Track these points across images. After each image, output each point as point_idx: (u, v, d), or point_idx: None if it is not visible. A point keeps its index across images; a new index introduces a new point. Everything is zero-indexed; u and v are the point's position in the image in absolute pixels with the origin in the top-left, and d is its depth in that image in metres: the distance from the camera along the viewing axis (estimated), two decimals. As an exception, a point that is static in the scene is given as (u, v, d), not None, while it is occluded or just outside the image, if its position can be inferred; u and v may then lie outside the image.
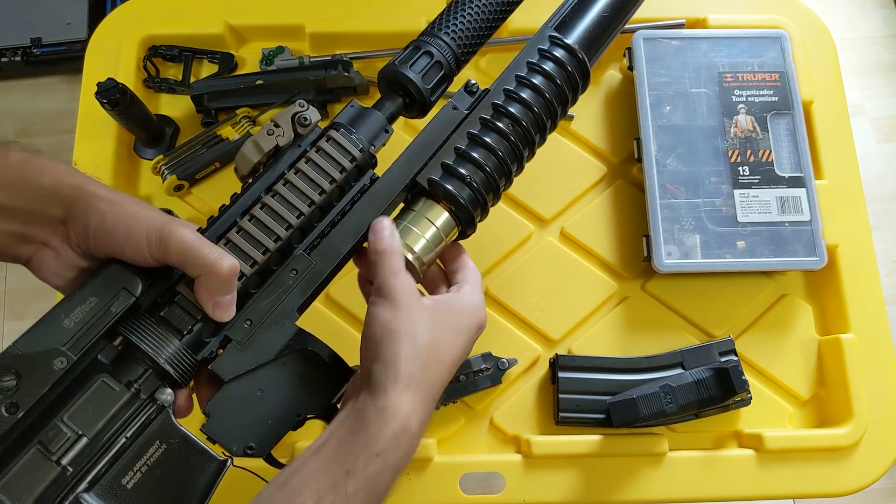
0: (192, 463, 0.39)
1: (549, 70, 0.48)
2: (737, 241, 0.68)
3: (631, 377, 0.65)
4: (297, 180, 0.44)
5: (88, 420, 0.37)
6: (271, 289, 0.43)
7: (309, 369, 0.43)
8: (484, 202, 0.47)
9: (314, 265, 0.43)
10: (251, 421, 0.41)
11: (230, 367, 0.41)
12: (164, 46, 0.78)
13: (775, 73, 0.74)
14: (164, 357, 0.39)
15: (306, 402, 0.43)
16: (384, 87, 0.49)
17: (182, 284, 0.40)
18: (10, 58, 1.48)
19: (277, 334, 0.42)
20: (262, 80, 0.75)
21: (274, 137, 0.44)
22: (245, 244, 0.42)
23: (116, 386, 0.38)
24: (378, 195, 0.46)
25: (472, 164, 0.46)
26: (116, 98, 0.67)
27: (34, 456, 0.36)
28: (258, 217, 0.42)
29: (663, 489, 0.64)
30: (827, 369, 0.69)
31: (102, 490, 0.37)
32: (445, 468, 0.64)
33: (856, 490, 0.65)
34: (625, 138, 0.76)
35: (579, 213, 0.73)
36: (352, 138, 0.45)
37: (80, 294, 0.38)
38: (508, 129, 0.47)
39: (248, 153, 0.44)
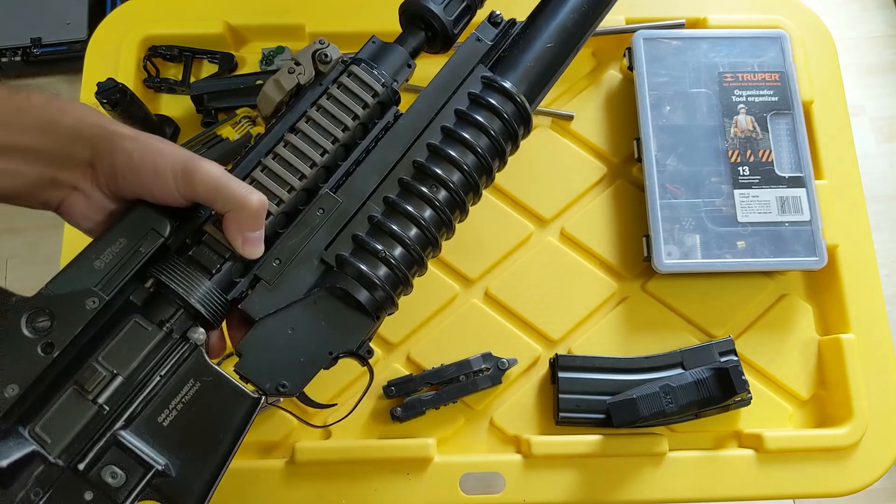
0: (226, 401, 0.39)
1: (482, 121, 0.45)
2: (737, 241, 0.68)
3: (631, 377, 0.65)
4: (320, 117, 0.43)
5: (123, 359, 0.38)
6: (298, 228, 0.43)
7: (339, 307, 0.43)
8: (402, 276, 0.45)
9: (340, 204, 0.43)
10: (283, 359, 0.42)
11: (260, 307, 0.42)
12: (164, 46, 0.78)
13: (775, 73, 0.74)
14: (196, 297, 0.40)
15: (338, 339, 0.43)
16: (405, 22, 0.47)
17: (209, 224, 0.41)
18: (10, 58, 1.48)
19: (306, 273, 0.42)
20: (261, 80, 0.75)
21: (295, 76, 0.44)
22: (270, 183, 0.42)
23: (149, 326, 0.39)
24: (402, 131, 0.45)
25: (388, 236, 0.44)
26: (116, 98, 0.67)
27: (71, 395, 0.37)
28: (282, 155, 0.42)
29: (663, 489, 0.64)
30: (827, 369, 0.69)
31: (139, 427, 0.38)
32: (445, 468, 0.64)
33: (856, 490, 0.65)
34: (625, 138, 0.76)
35: (579, 213, 0.73)
36: (374, 73, 0.45)
37: (110, 235, 0.39)
38: (433, 194, 0.44)
39: (269, 93, 0.44)
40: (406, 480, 0.63)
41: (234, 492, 0.62)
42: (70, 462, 0.36)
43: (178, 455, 0.38)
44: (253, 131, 0.73)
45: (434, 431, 0.66)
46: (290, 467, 0.63)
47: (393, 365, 0.68)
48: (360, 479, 0.63)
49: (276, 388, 0.41)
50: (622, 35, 0.77)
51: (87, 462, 0.37)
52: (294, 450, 0.63)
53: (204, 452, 0.39)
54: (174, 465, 0.38)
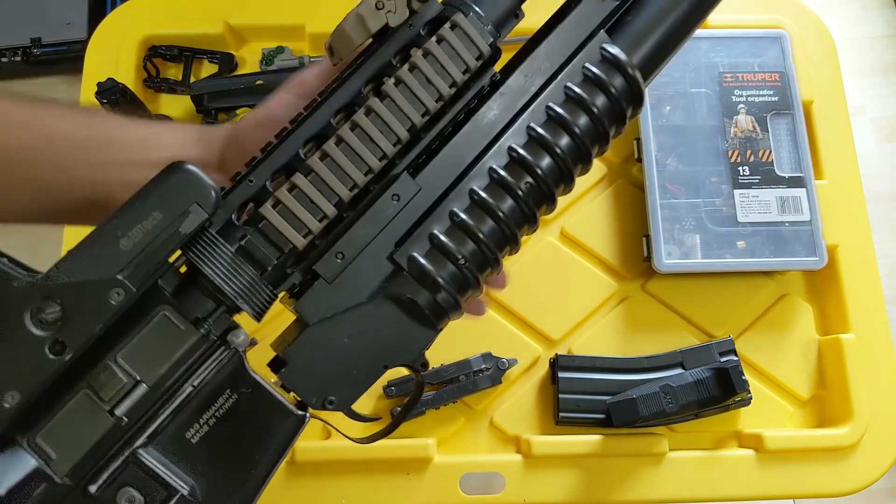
0: (267, 417, 0.33)
1: (596, 113, 0.37)
2: (737, 241, 0.68)
3: (631, 377, 0.65)
4: (413, 81, 0.34)
5: (148, 363, 0.31)
6: (368, 217, 0.35)
7: (403, 316, 0.36)
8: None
9: (419, 192, 0.35)
10: (334, 370, 0.35)
11: (316, 309, 0.35)
12: (164, 46, 0.78)
13: (775, 73, 0.74)
14: (243, 297, 0.33)
15: (397, 352, 0.37)
16: None
17: (267, 206, 0.33)
18: (10, 58, 1.48)
19: (372, 272, 0.35)
20: (262, 80, 0.75)
21: (383, 13, 0.34)
22: (346, 162, 0.34)
23: (182, 324, 0.32)
24: (502, 111, 0.36)
25: (470, 240, 0.36)
26: (116, 98, 0.67)
27: (83, 401, 0.30)
28: (363, 127, 0.34)
29: (663, 489, 0.64)
30: (827, 369, 0.69)
31: (163, 445, 0.32)
32: (445, 468, 0.64)
33: (856, 490, 0.65)
34: (625, 138, 0.76)
35: (579, 213, 0.73)
36: (480, 26, 0.35)
37: (142, 207, 0.30)
38: (525, 194, 0.37)
39: (350, 31, 0.35)
40: (406, 480, 0.63)
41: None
42: (79, 482, 0.30)
43: (207, 477, 0.32)
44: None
45: (434, 431, 0.66)
46: (290, 467, 0.63)
47: (393, 365, 0.68)
48: (360, 479, 0.63)
49: (323, 403, 0.35)
50: (622, 35, 0.77)
51: (100, 484, 0.31)
52: (294, 450, 0.63)
53: (237, 475, 0.33)
54: (201, 489, 0.32)
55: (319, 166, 0.33)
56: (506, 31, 0.37)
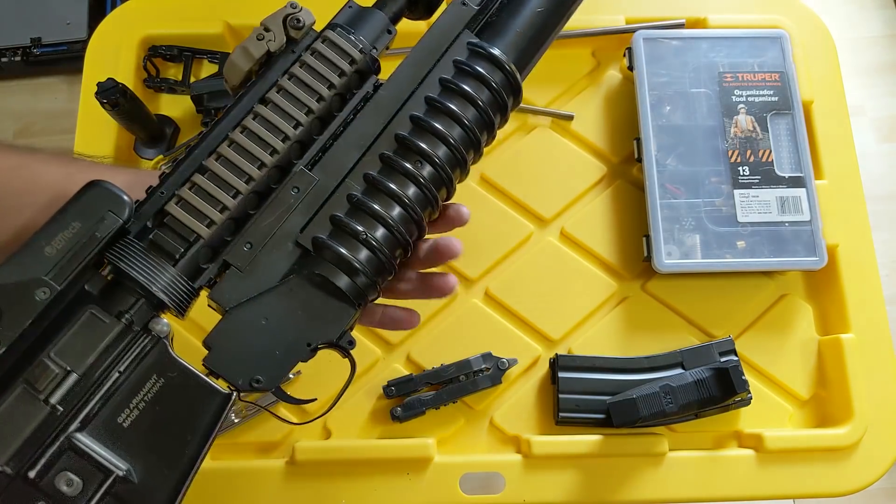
0: (194, 398, 0.36)
1: (469, 91, 0.42)
2: (737, 241, 0.68)
3: (631, 377, 0.65)
4: (292, 87, 0.40)
5: (77, 355, 0.34)
6: (271, 208, 0.39)
7: (318, 294, 0.39)
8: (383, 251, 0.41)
9: (317, 182, 0.40)
10: (257, 352, 0.38)
11: (230, 295, 0.38)
12: (164, 46, 0.78)
13: (775, 73, 0.74)
14: (158, 285, 0.36)
15: (317, 330, 0.39)
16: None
17: (171, 204, 0.37)
18: (10, 58, 1.48)
19: (281, 257, 0.39)
20: (262, 80, 0.75)
21: (264, 42, 0.40)
22: (239, 159, 0.38)
23: (106, 318, 0.35)
24: (383, 103, 0.41)
25: (369, 216, 0.40)
26: (116, 98, 0.67)
27: (20, 395, 0.33)
28: (251, 129, 0.39)
29: (663, 489, 0.64)
30: (827, 369, 0.69)
31: (97, 429, 0.34)
32: (445, 468, 0.64)
33: (856, 490, 0.65)
34: (625, 138, 0.76)
35: (579, 213, 0.73)
36: (350, 38, 0.41)
37: (62, 218, 0.35)
38: (417, 171, 0.41)
39: (237, 61, 0.40)
40: (406, 480, 0.63)
41: (234, 492, 0.62)
42: (19, 469, 0.33)
43: (142, 459, 0.35)
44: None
45: (434, 431, 0.66)
46: (290, 467, 0.63)
47: (393, 365, 0.68)
48: (360, 479, 0.63)
49: (250, 383, 0.38)
50: (622, 35, 0.77)
51: (39, 469, 0.33)
52: (294, 450, 0.63)
53: (170, 455, 0.35)
54: (137, 470, 0.35)
55: (214, 165, 0.38)
56: (381, 44, 0.43)
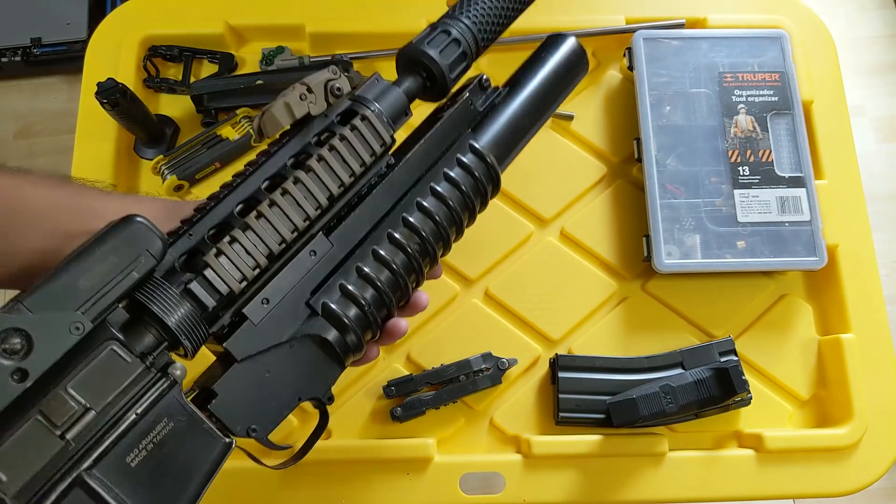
0: (198, 443, 0.37)
1: (465, 189, 0.47)
2: (737, 241, 0.68)
3: (631, 377, 0.65)
4: (333, 160, 0.42)
5: (97, 391, 0.34)
6: (291, 270, 0.41)
7: (315, 354, 0.42)
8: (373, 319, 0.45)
9: (331, 249, 0.43)
10: (256, 402, 0.40)
11: (244, 347, 0.40)
12: (164, 46, 0.78)
13: (775, 73, 0.74)
14: (185, 332, 0.37)
15: (309, 386, 0.42)
16: (402, 67, 0.47)
17: (211, 256, 0.38)
18: (10, 58, 1.48)
19: (291, 316, 0.41)
20: (262, 80, 0.75)
21: (306, 104, 0.42)
22: (277, 222, 0.40)
23: (128, 357, 0.35)
24: (395, 183, 0.45)
25: (372, 289, 0.44)
26: (116, 98, 0.67)
27: (35, 427, 0.32)
28: (292, 194, 0.41)
29: (663, 489, 0.64)
30: (827, 369, 0.69)
31: (106, 468, 0.34)
32: (445, 468, 0.64)
33: (856, 490, 0.65)
34: (625, 138, 0.76)
35: (579, 213, 0.73)
36: (385, 121, 0.44)
37: (99, 252, 0.35)
38: (413, 252, 0.45)
39: (278, 116, 0.41)
40: (406, 480, 0.63)
41: (234, 492, 0.62)
42: (27, 503, 0.32)
43: (144, 498, 0.35)
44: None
45: (434, 431, 0.66)
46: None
47: (393, 365, 0.68)
48: (360, 479, 0.63)
49: (247, 431, 0.40)
50: (622, 35, 0.77)
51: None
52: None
53: (171, 497, 0.36)
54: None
55: (256, 224, 0.40)
56: (399, 124, 0.46)
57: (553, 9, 0.81)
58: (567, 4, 0.81)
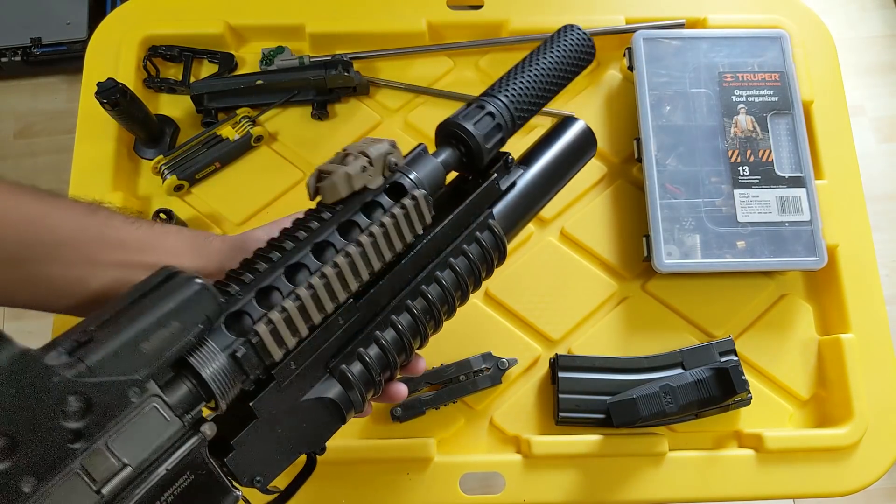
0: (212, 495, 0.38)
1: (477, 268, 0.49)
2: (737, 241, 0.68)
3: (631, 377, 0.65)
4: (380, 237, 0.42)
5: (137, 449, 0.34)
6: (322, 334, 0.42)
7: (321, 413, 0.43)
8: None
9: (357, 315, 0.43)
10: (265, 455, 0.42)
11: (267, 406, 0.41)
12: (164, 46, 0.78)
13: (775, 73, 0.74)
14: (224, 394, 0.37)
15: (311, 441, 0.44)
16: (441, 139, 0.48)
17: (262, 326, 0.38)
18: (10, 58, 1.48)
19: (311, 378, 0.42)
20: (262, 80, 0.75)
21: (366, 176, 0.42)
22: (325, 295, 0.41)
23: (169, 415, 0.36)
24: (422, 256, 0.46)
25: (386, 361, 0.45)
26: (116, 98, 0.67)
27: (75, 482, 0.32)
28: (342, 268, 0.41)
29: (663, 489, 0.64)
30: (827, 369, 0.69)
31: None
32: (445, 468, 0.64)
33: (856, 490, 0.65)
34: (625, 138, 0.76)
35: (579, 213, 0.73)
36: (429, 201, 0.45)
37: (163, 315, 0.35)
38: (427, 329, 0.47)
39: (340, 186, 0.42)
40: (406, 480, 0.63)
41: (234, 492, 0.62)
42: None
43: None
44: (254, 132, 0.73)
45: (434, 431, 0.66)
46: (290, 467, 0.63)
47: (393, 365, 0.68)
48: (360, 479, 0.63)
49: (252, 481, 0.41)
50: (622, 35, 0.78)
51: None
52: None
53: None
54: None
55: (306, 297, 0.40)
56: (434, 196, 0.47)
57: (553, 9, 0.81)
58: (567, 4, 0.82)
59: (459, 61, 0.79)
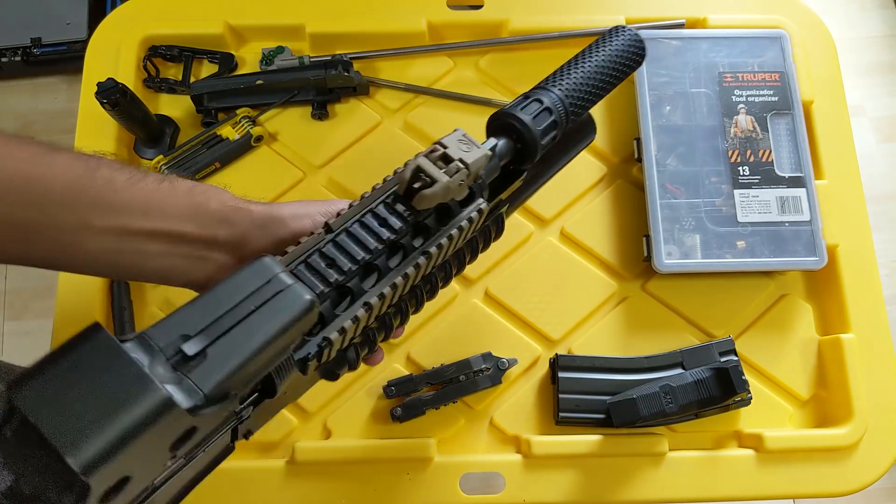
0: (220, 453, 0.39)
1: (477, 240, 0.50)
2: (737, 241, 0.68)
3: (631, 377, 0.65)
4: (446, 248, 0.42)
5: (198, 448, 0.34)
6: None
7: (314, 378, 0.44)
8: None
9: None
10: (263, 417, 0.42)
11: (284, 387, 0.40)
12: (164, 46, 0.78)
13: (775, 73, 0.74)
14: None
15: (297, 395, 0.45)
16: (496, 130, 0.47)
17: (335, 334, 0.38)
18: (10, 58, 1.48)
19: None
20: (262, 80, 0.75)
21: (460, 190, 0.42)
22: (386, 300, 0.40)
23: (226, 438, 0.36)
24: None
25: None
26: (116, 98, 0.67)
27: None
28: (409, 276, 0.41)
29: (663, 489, 0.64)
30: (827, 369, 0.69)
31: None
32: (445, 468, 0.64)
33: (856, 490, 0.65)
34: (625, 138, 0.76)
35: (579, 213, 0.73)
36: (488, 212, 0.45)
37: (274, 337, 0.34)
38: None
39: (436, 200, 0.40)
40: (406, 480, 0.63)
41: (234, 492, 0.62)
42: None
43: None
44: (254, 132, 0.73)
45: (434, 431, 0.66)
46: (290, 467, 0.63)
47: (393, 365, 0.68)
48: (360, 479, 0.63)
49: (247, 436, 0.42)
50: (622, 35, 0.77)
51: None
52: (294, 449, 0.63)
53: None
54: None
55: (376, 305, 0.39)
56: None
57: (553, 9, 0.81)
58: (567, 4, 0.82)
59: (459, 61, 0.79)
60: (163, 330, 0.30)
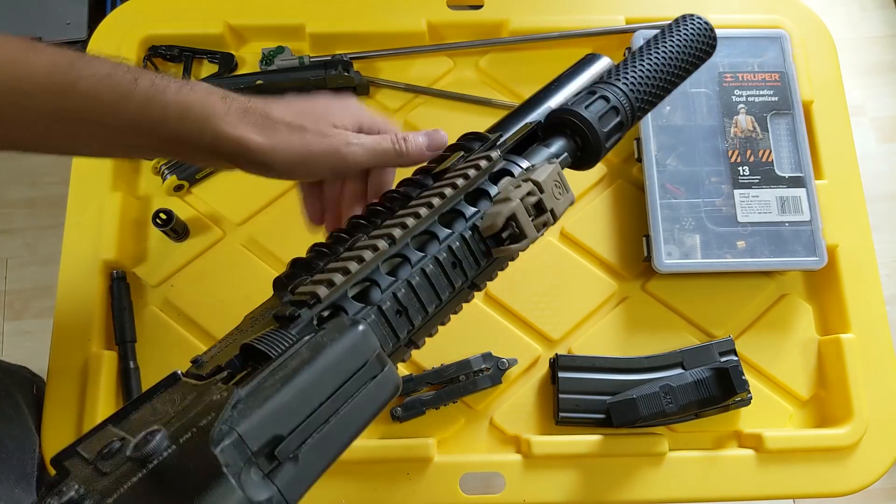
0: None
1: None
2: (737, 241, 0.68)
3: (631, 377, 0.65)
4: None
5: None
6: None
7: None
8: None
9: None
10: None
11: None
12: (164, 46, 0.78)
13: (775, 73, 0.74)
14: None
15: None
16: (557, 131, 0.43)
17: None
18: (11, 58, 1.48)
19: None
20: (262, 80, 0.75)
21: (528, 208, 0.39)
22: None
23: None
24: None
25: None
26: (116, 98, 0.67)
27: None
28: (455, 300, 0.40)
29: (663, 489, 0.64)
30: (827, 369, 0.69)
31: None
32: (445, 468, 0.64)
33: (856, 490, 0.65)
34: (625, 138, 0.76)
35: (579, 213, 0.73)
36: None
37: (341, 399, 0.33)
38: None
39: (499, 222, 0.38)
40: (406, 480, 0.63)
41: (234, 492, 0.62)
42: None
43: None
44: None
45: (434, 431, 0.66)
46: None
47: (393, 365, 0.68)
48: (360, 479, 0.63)
49: None
50: (622, 35, 0.77)
51: None
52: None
53: None
54: None
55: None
56: None
57: (553, 9, 0.81)
58: (567, 4, 0.82)
59: (459, 61, 0.79)
60: (257, 427, 0.29)
